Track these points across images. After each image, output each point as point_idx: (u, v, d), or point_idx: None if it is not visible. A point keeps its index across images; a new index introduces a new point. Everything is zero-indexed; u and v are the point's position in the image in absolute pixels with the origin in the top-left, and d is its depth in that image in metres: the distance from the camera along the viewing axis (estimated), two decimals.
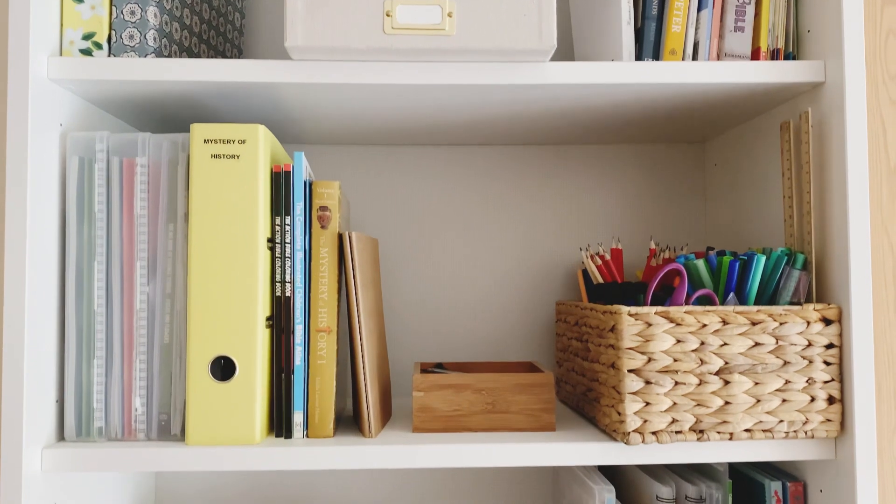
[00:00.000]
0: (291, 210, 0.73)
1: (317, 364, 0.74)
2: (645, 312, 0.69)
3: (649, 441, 0.69)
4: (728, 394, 0.69)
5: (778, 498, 0.77)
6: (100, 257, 0.72)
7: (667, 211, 1.02)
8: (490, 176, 1.02)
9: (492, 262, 1.01)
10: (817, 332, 0.70)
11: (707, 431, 0.69)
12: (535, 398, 0.76)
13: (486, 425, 0.76)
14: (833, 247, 0.72)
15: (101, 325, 0.72)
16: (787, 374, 0.70)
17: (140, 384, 0.72)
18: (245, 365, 0.70)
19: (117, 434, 0.72)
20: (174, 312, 0.72)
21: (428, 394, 0.76)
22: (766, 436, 0.70)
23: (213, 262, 0.71)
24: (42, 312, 0.69)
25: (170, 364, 0.72)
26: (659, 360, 0.69)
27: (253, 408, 0.70)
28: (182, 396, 0.72)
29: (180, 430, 0.72)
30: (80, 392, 0.71)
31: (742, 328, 0.69)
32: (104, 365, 0.72)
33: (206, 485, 0.97)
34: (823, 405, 0.70)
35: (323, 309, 0.74)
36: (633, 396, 0.69)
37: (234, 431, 0.70)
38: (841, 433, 0.71)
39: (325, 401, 0.74)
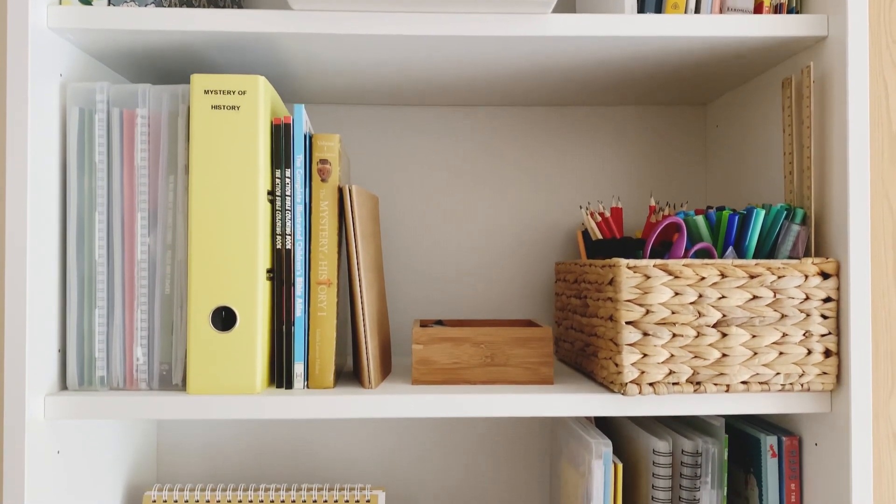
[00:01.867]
0: (291, 163, 0.73)
1: (317, 316, 0.74)
2: (643, 265, 0.69)
3: (646, 392, 0.69)
4: (725, 346, 0.70)
5: (773, 452, 0.78)
6: (101, 208, 0.72)
7: (668, 172, 1.02)
8: (490, 137, 1.02)
9: (491, 223, 1.02)
10: (815, 286, 0.70)
11: (704, 383, 0.70)
12: (533, 352, 0.77)
13: (485, 378, 0.77)
14: (832, 201, 0.72)
15: (103, 276, 0.72)
16: (784, 328, 0.70)
17: (141, 334, 0.72)
18: (246, 316, 0.71)
19: (119, 384, 0.72)
20: (175, 263, 0.73)
21: (427, 347, 0.77)
22: (763, 388, 0.70)
23: (213, 213, 0.71)
24: (43, 262, 0.69)
25: (171, 314, 0.73)
26: (657, 312, 0.69)
27: (254, 358, 0.71)
28: (183, 347, 0.73)
29: (181, 381, 0.73)
30: (81, 342, 0.72)
31: (740, 281, 0.70)
32: (105, 315, 0.72)
33: (208, 438, 0.98)
34: (820, 358, 0.70)
35: (323, 262, 0.74)
36: (630, 348, 0.69)
37: (234, 381, 0.71)
38: (837, 386, 0.71)
39: (326, 352, 0.74)
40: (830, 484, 0.73)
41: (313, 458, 0.99)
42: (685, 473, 0.78)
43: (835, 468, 0.72)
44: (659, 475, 0.78)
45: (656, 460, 0.79)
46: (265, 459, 0.99)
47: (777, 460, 0.77)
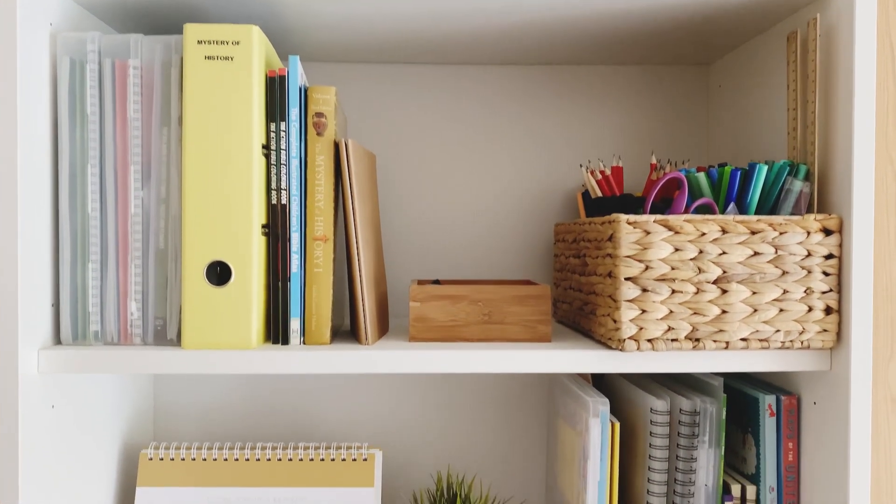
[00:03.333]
0: (287, 116, 0.72)
1: (313, 272, 0.73)
2: (643, 220, 0.68)
3: (644, 349, 0.69)
4: (725, 303, 0.69)
5: (772, 411, 0.77)
6: (93, 160, 0.71)
7: (669, 133, 1.01)
8: (489, 97, 1.00)
9: (490, 184, 1.00)
10: (817, 243, 0.69)
11: (703, 340, 0.69)
12: (531, 310, 0.76)
13: (482, 336, 0.76)
14: (836, 157, 0.71)
15: (96, 230, 0.71)
16: (785, 284, 0.69)
17: (135, 289, 0.72)
18: (241, 271, 0.70)
19: (113, 338, 0.72)
20: (169, 217, 0.72)
21: (424, 304, 0.76)
22: (763, 345, 0.70)
23: (207, 167, 0.70)
24: (35, 215, 0.68)
25: (165, 269, 0.72)
26: (656, 268, 0.68)
27: (249, 313, 0.70)
28: (178, 302, 0.72)
29: (176, 336, 0.72)
30: (75, 296, 0.71)
31: (741, 237, 0.69)
32: (99, 269, 0.71)
33: (205, 398, 0.98)
34: (821, 315, 0.70)
35: (319, 217, 0.73)
36: (629, 304, 0.68)
37: (230, 336, 0.70)
38: (837, 344, 0.71)
39: (322, 309, 0.73)
40: (828, 443, 0.72)
41: (310, 418, 0.99)
42: (683, 432, 0.78)
43: (833, 427, 0.72)
44: (656, 434, 0.78)
45: (654, 419, 0.78)
46: (262, 420, 0.99)
47: (775, 419, 0.77)
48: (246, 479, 0.86)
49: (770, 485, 0.77)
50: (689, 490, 0.78)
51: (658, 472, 0.78)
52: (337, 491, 0.86)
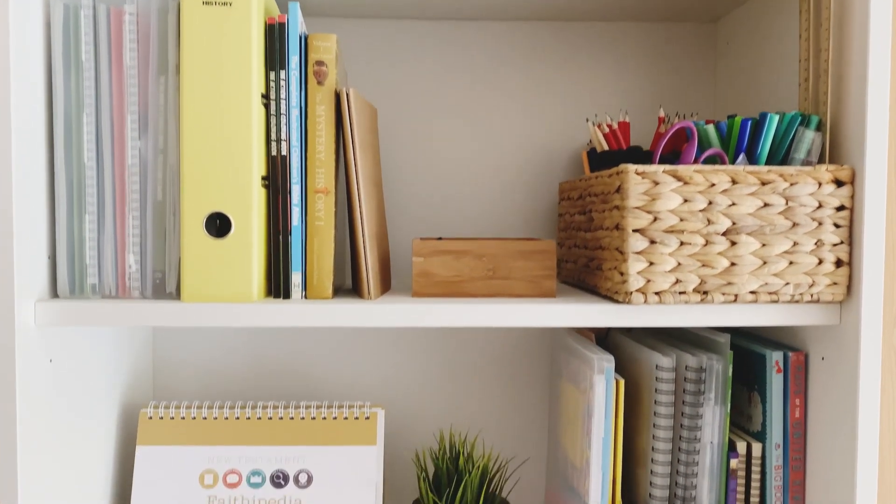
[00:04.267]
0: (286, 64, 0.70)
1: (315, 225, 0.72)
2: (652, 171, 0.67)
3: (652, 301, 0.68)
4: (734, 255, 0.68)
5: (779, 367, 0.76)
6: (88, 109, 0.69)
7: (677, 91, 0.99)
8: (494, 53, 0.98)
9: (493, 144, 0.99)
10: (829, 194, 0.68)
11: (711, 293, 0.68)
12: (535, 265, 0.75)
13: (486, 291, 0.75)
14: (849, 107, 0.69)
15: (92, 181, 0.69)
16: (795, 236, 0.68)
17: (133, 241, 0.70)
18: (241, 223, 0.69)
19: (111, 292, 0.70)
20: (167, 168, 0.70)
21: (428, 259, 0.75)
22: (772, 298, 0.69)
23: (205, 116, 0.68)
24: (30, 165, 0.67)
25: (163, 221, 0.70)
26: (665, 219, 0.67)
27: (249, 266, 0.69)
28: (177, 254, 0.71)
29: (175, 289, 0.71)
30: (72, 248, 0.70)
31: (751, 188, 0.67)
32: (96, 221, 0.70)
33: (205, 358, 0.97)
34: (831, 268, 0.69)
35: (320, 169, 0.72)
36: (636, 256, 0.67)
37: (230, 290, 0.69)
38: (847, 297, 0.70)
39: (324, 262, 0.72)
40: (836, 399, 0.71)
41: (312, 377, 0.98)
42: (688, 389, 0.77)
43: (841, 383, 0.71)
44: (662, 391, 0.77)
45: (659, 376, 0.77)
46: (263, 379, 0.98)
47: (782, 376, 0.76)
48: (247, 438, 0.85)
49: (776, 441, 0.77)
50: (695, 447, 0.77)
51: (663, 429, 0.78)
52: (339, 449, 0.85)
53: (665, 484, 0.78)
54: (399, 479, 0.99)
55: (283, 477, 0.84)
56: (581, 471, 0.80)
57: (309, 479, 0.84)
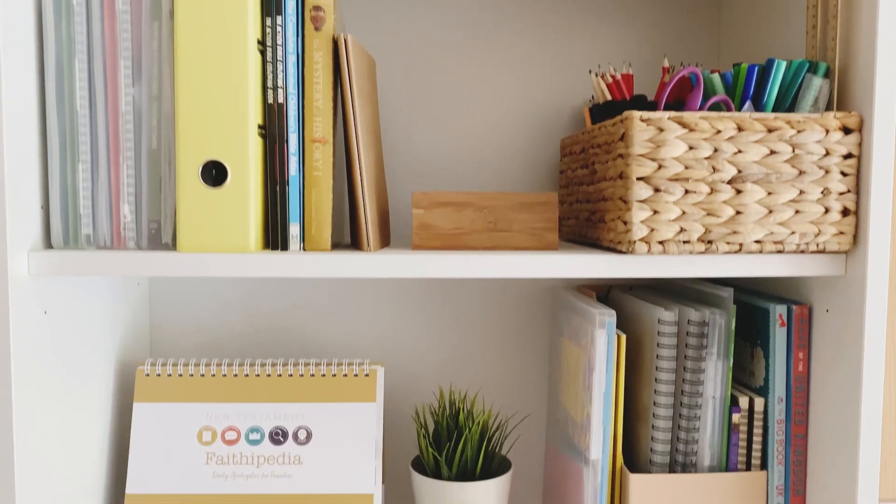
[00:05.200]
0: (283, 9, 0.69)
1: (312, 175, 0.71)
2: (657, 117, 0.66)
3: (655, 251, 0.67)
4: (740, 203, 0.67)
5: (782, 321, 0.76)
6: (80, 55, 0.68)
7: (680, 43, 0.97)
8: (495, 6, 0.96)
9: (494, 99, 0.97)
10: (836, 141, 0.67)
11: (716, 242, 0.67)
12: (537, 217, 0.74)
13: (488, 244, 0.74)
14: (858, 53, 0.68)
15: (85, 128, 0.68)
16: (801, 185, 0.67)
17: (128, 190, 0.69)
18: (237, 172, 0.67)
19: (106, 242, 0.69)
20: (161, 116, 0.69)
21: (428, 211, 0.74)
22: (777, 248, 0.68)
23: (200, 63, 0.67)
24: (21, 112, 0.65)
25: (159, 170, 0.69)
26: (670, 167, 0.66)
27: (246, 216, 0.68)
28: (172, 204, 0.69)
29: (171, 240, 0.70)
30: (65, 198, 0.69)
31: (758, 135, 0.66)
32: (90, 170, 0.68)
33: (202, 317, 0.96)
34: (837, 217, 0.68)
35: (318, 118, 0.70)
36: (640, 204, 0.66)
37: (227, 240, 0.68)
38: (853, 247, 0.69)
39: (322, 213, 0.71)
40: (840, 352, 0.71)
41: (311, 335, 0.97)
42: (691, 343, 0.76)
43: (845, 335, 0.70)
44: (663, 345, 0.77)
45: (661, 330, 0.77)
46: (262, 338, 0.97)
47: (786, 329, 0.76)
48: (245, 395, 0.85)
49: (779, 395, 0.76)
50: (697, 402, 0.77)
51: (665, 383, 0.77)
52: (338, 406, 0.84)
53: (666, 439, 0.77)
54: (399, 437, 0.98)
55: (282, 434, 0.84)
56: (582, 426, 0.80)
57: (308, 435, 0.84)
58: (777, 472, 0.77)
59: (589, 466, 0.77)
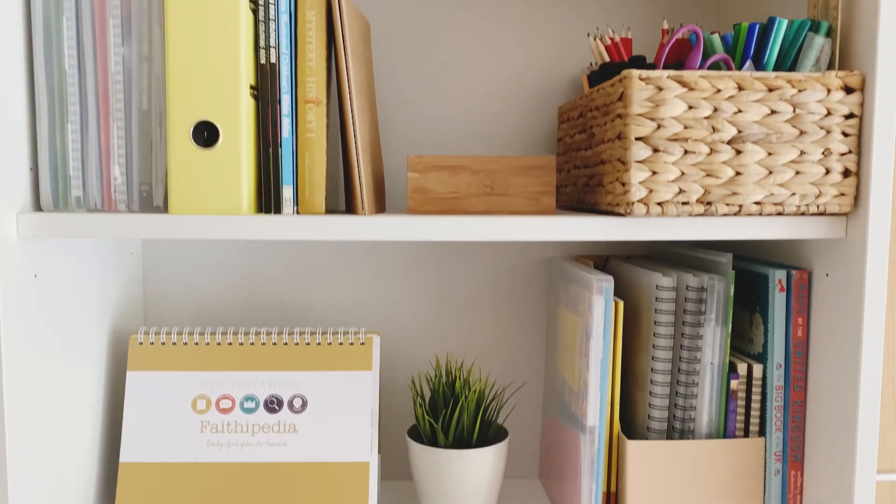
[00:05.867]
0: None
1: (306, 137, 0.70)
2: (656, 76, 0.64)
3: (654, 212, 0.66)
4: (739, 164, 0.66)
5: (781, 286, 0.75)
6: (69, 13, 0.66)
7: (679, 11, 0.96)
8: None
9: (491, 66, 0.96)
10: (838, 101, 0.66)
11: (715, 203, 0.66)
12: (535, 180, 0.73)
13: (484, 208, 0.73)
14: (861, 12, 0.66)
15: (74, 88, 0.67)
16: (802, 145, 0.66)
17: (119, 152, 0.68)
18: (229, 132, 0.66)
19: (96, 205, 0.68)
20: (152, 77, 0.67)
21: (423, 175, 0.73)
22: (777, 210, 0.67)
23: (191, 22, 0.65)
24: (7, 71, 0.64)
25: (149, 132, 0.68)
26: (669, 126, 0.65)
27: (238, 178, 0.67)
28: (164, 166, 0.68)
29: (163, 202, 0.69)
30: (54, 159, 0.67)
31: (758, 94, 0.65)
32: (79, 131, 0.67)
33: (197, 288, 0.95)
34: (838, 178, 0.67)
35: (311, 78, 0.69)
36: (639, 165, 0.65)
37: (219, 201, 0.67)
38: (854, 209, 0.68)
39: (316, 176, 0.70)
40: (840, 316, 0.70)
41: (306, 305, 0.96)
42: (689, 310, 0.76)
43: (845, 299, 0.69)
44: (661, 311, 0.76)
45: (659, 296, 0.76)
46: (257, 308, 0.96)
47: (785, 295, 0.75)
48: (240, 364, 0.84)
49: (777, 361, 0.76)
50: (694, 368, 0.76)
51: (662, 349, 0.76)
52: (334, 374, 0.84)
53: (664, 405, 0.77)
54: (395, 406, 0.98)
55: (278, 402, 0.83)
56: (579, 394, 0.79)
57: (304, 403, 0.83)
58: (775, 438, 0.76)
59: (586, 433, 0.77)
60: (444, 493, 0.80)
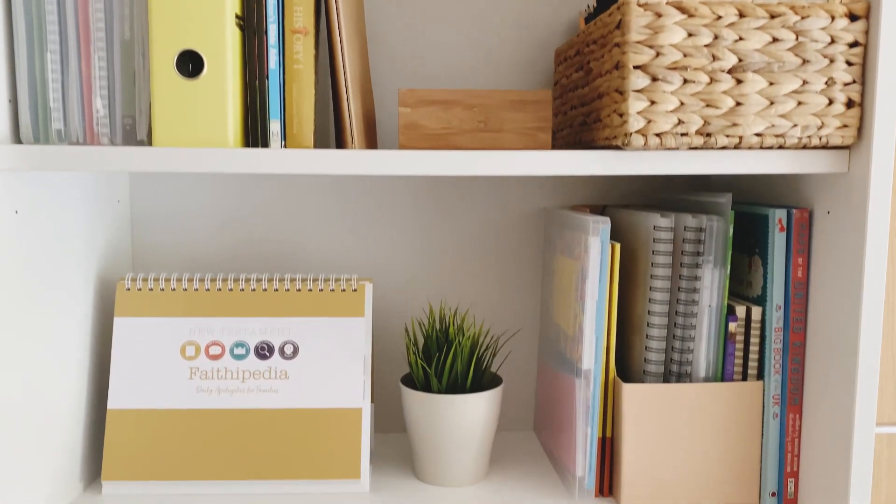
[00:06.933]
0: None
1: (293, 69, 0.67)
2: (655, 2, 0.62)
3: (652, 144, 0.64)
4: (740, 94, 0.64)
5: (781, 226, 0.73)
6: None
7: None
8: None
9: (486, 6, 0.93)
10: (842, 29, 0.64)
11: (715, 135, 0.65)
12: (530, 116, 0.71)
13: (478, 145, 0.71)
14: None
15: (53, 16, 0.65)
16: (805, 74, 0.64)
17: (101, 83, 0.66)
18: (214, 63, 0.64)
19: (78, 138, 0.66)
20: (134, 4, 0.65)
21: (415, 110, 0.71)
22: (778, 141, 0.65)
23: None
24: None
25: (132, 63, 0.66)
26: (668, 54, 0.63)
27: (224, 110, 0.65)
28: (147, 98, 0.66)
29: (147, 136, 0.67)
30: (34, 91, 0.65)
31: (760, 21, 0.63)
32: (59, 61, 0.65)
33: (186, 234, 0.93)
34: (841, 109, 0.65)
35: (298, 7, 0.67)
36: (637, 94, 0.63)
37: (205, 133, 0.65)
38: (857, 141, 0.66)
39: (304, 109, 0.68)
40: (841, 255, 0.68)
41: (298, 255, 0.95)
42: (687, 250, 0.74)
43: (847, 236, 0.68)
44: (659, 251, 0.74)
45: (657, 236, 0.74)
46: (248, 257, 0.94)
47: (785, 235, 0.73)
48: (230, 310, 0.82)
49: (777, 303, 0.74)
50: (692, 311, 0.75)
51: (660, 291, 0.75)
52: (326, 321, 0.82)
53: (661, 348, 0.75)
54: (388, 354, 0.96)
55: (268, 348, 0.82)
56: (574, 338, 0.78)
57: (295, 350, 0.82)
58: (774, 381, 0.75)
59: (581, 378, 0.76)
60: (438, 440, 0.79)
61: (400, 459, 0.88)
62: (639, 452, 0.75)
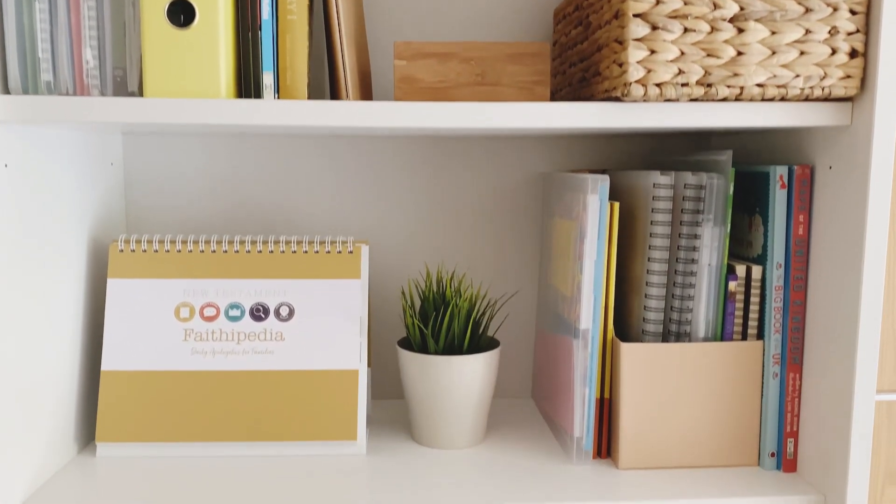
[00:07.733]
0: None
1: (287, 20, 0.66)
2: None
3: (652, 94, 0.63)
4: (741, 43, 0.63)
5: (783, 183, 0.72)
6: None
7: None
8: None
9: None
10: None
11: (716, 85, 0.63)
12: (528, 69, 0.70)
13: (475, 98, 0.70)
14: None
15: None
16: (807, 24, 0.63)
17: (90, 34, 0.64)
18: (206, 12, 0.63)
19: (68, 90, 0.65)
20: None
21: (411, 63, 0.70)
22: (780, 92, 0.64)
23: None
24: None
25: (122, 12, 0.65)
26: (668, 2, 0.62)
27: (216, 61, 0.64)
28: (138, 49, 0.65)
29: (138, 88, 0.66)
30: (22, 40, 0.64)
31: None
32: (48, 10, 0.64)
33: (181, 197, 0.92)
34: (845, 59, 0.64)
35: None
36: (637, 43, 0.62)
37: (196, 85, 0.64)
38: (860, 92, 0.65)
39: (298, 61, 0.67)
40: (842, 211, 0.67)
41: (293, 215, 0.93)
42: (686, 209, 0.73)
43: (849, 192, 0.67)
44: (658, 209, 0.73)
45: (656, 194, 0.73)
46: (242, 219, 0.93)
47: (786, 192, 0.72)
48: (225, 272, 0.81)
49: (777, 262, 0.73)
50: (691, 269, 0.74)
51: (659, 249, 0.74)
52: (321, 283, 0.81)
53: (660, 307, 0.75)
54: (385, 317, 0.96)
55: (264, 310, 0.81)
56: (572, 299, 0.77)
57: (290, 312, 0.81)
58: (774, 340, 0.74)
59: (579, 338, 0.75)
60: (435, 402, 0.79)
61: (398, 424, 0.88)
62: (637, 413, 0.74)
